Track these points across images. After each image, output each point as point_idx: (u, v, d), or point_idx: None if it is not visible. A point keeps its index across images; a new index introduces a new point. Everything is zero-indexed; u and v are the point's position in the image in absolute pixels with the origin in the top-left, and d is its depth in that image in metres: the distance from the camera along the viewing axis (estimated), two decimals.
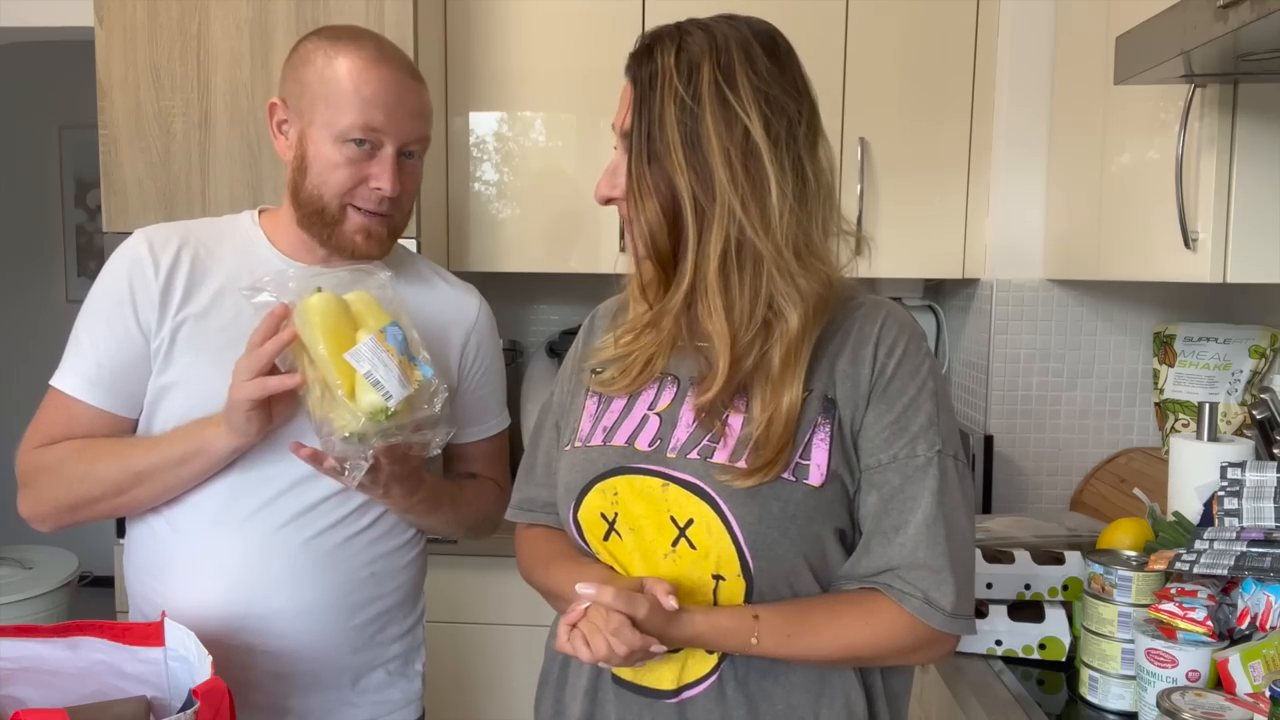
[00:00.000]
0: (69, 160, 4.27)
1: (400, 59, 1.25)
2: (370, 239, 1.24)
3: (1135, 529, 1.54)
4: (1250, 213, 1.43)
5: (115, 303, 1.22)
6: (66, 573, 3.30)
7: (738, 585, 0.99)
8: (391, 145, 1.21)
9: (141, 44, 1.96)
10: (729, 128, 0.96)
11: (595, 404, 1.11)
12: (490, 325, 1.42)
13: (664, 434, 1.04)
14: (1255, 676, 1.13)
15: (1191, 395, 1.91)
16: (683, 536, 1.00)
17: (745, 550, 0.98)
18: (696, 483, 1.00)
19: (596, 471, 1.06)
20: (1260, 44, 1.15)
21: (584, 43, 2.22)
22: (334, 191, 1.21)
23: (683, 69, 0.97)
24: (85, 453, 1.22)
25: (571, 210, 2.27)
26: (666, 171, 0.97)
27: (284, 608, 1.22)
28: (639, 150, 0.98)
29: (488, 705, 2.14)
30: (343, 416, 1.09)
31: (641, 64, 1.00)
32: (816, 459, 0.99)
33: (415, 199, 1.30)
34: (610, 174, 1.04)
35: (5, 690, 1.11)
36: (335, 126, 1.19)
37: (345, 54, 1.21)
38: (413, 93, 1.24)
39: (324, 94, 1.20)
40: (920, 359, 1.02)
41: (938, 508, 0.98)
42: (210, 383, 1.20)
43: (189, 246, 1.25)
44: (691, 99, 0.96)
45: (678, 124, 0.96)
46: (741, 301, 0.98)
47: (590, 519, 1.06)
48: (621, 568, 1.05)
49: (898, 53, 2.18)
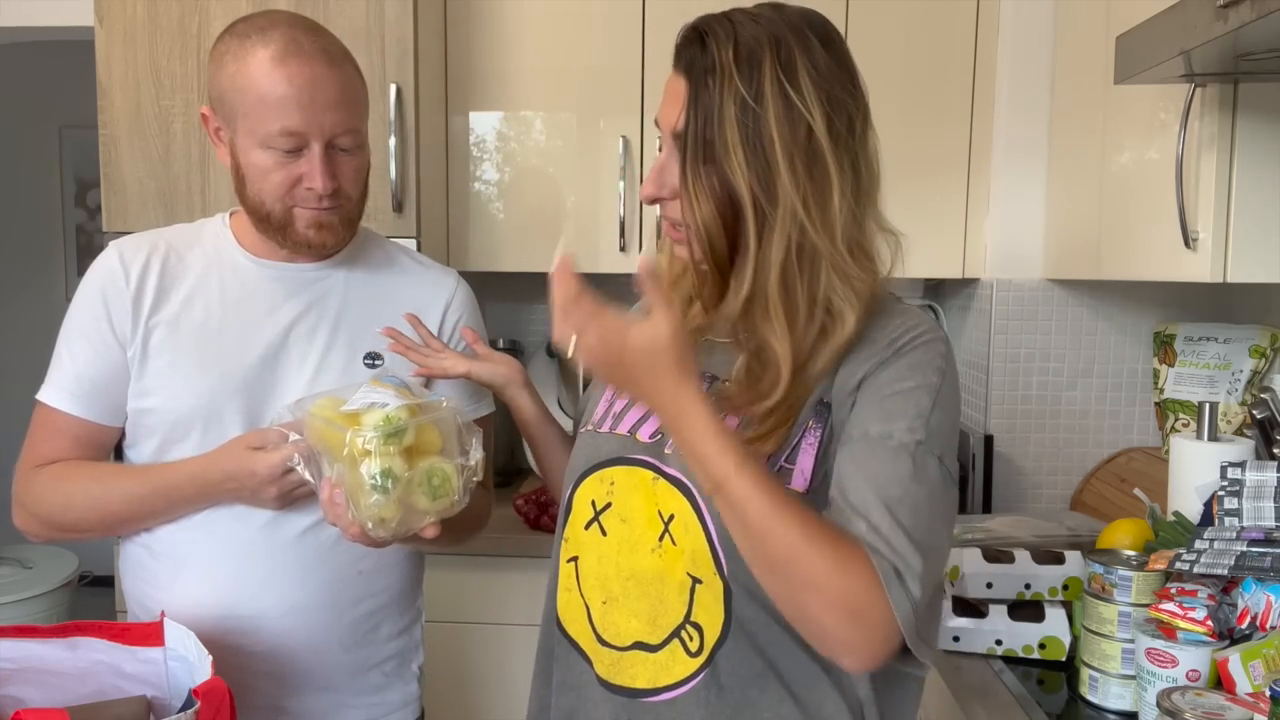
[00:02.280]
0: (69, 160, 4.27)
1: (314, 45, 1.16)
2: (323, 229, 1.21)
3: (1135, 529, 1.54)
4: (1250, 212, 1.43)
5: (91, 316, 1.23)
6: (66, 573, 3.30)
7: (715, 585, 0.96)
8: (317, 142, 1.16)
9: (141, 44, 1.96)
10: (792, 128, 0.91)
11: (612, 390, 1.10)
12: (470, 302, 1.37)
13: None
14: (1255, 676, 1.13)
15: (1192, 395, 1.91)
16: (667, 532, 0.99)
17: (719, 550, 0.96)
18: (681, 478, 0.98)
19: (598, 458, 1.05)
20: (1260, 43, 1.15)
21: (584, 43, 2.22)
22: (274, 196, 1.18)
23: (742, 65, 0.91)
24: (73, 479, 1.23)
25: (572, 210, 2.27)
26: (724, 173, 0.92)
27: (272, 607, 1.22)
28: (694, 151, 0.93)
29: (487, 705, 2.14)
30: (365, 462, 1.03)
31: (694, 57, 0.94)
32: (802, 464, 0.95)
33: (364, 180, 1.25)
34: (658, 173, 0.98)
35: (5, 690, 1.11)
36: (256, 134, 1.15)
37: (252, 54, 1.15)
38: (329, 82, 1.16)
39: (239, 102, 1.16)
40: (930, 357, 0.95)
41: (901, 492, 0.88)
42: (185, 384, 1.21)
43: (159, 253, 1.25)
44: (753, 98, 0.91)
45: (738, 124, 0.91)
46: (802, 306, 0.94)
47: (581, 504, 1.06)
48: (598, 559, 1.03)
49: (898, 53, 2.19)
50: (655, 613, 0.99)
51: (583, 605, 1.05)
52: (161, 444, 1.24)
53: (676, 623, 0.99)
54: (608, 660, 1.02)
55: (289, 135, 1.15)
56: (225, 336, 1.23)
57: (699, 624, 0.98)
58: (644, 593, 1.00)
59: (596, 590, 1.03)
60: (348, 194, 1.22)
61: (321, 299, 1.27)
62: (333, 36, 1.21)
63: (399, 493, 1.03)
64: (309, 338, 1.26)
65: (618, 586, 1.02)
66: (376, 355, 1.28)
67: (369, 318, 1.28)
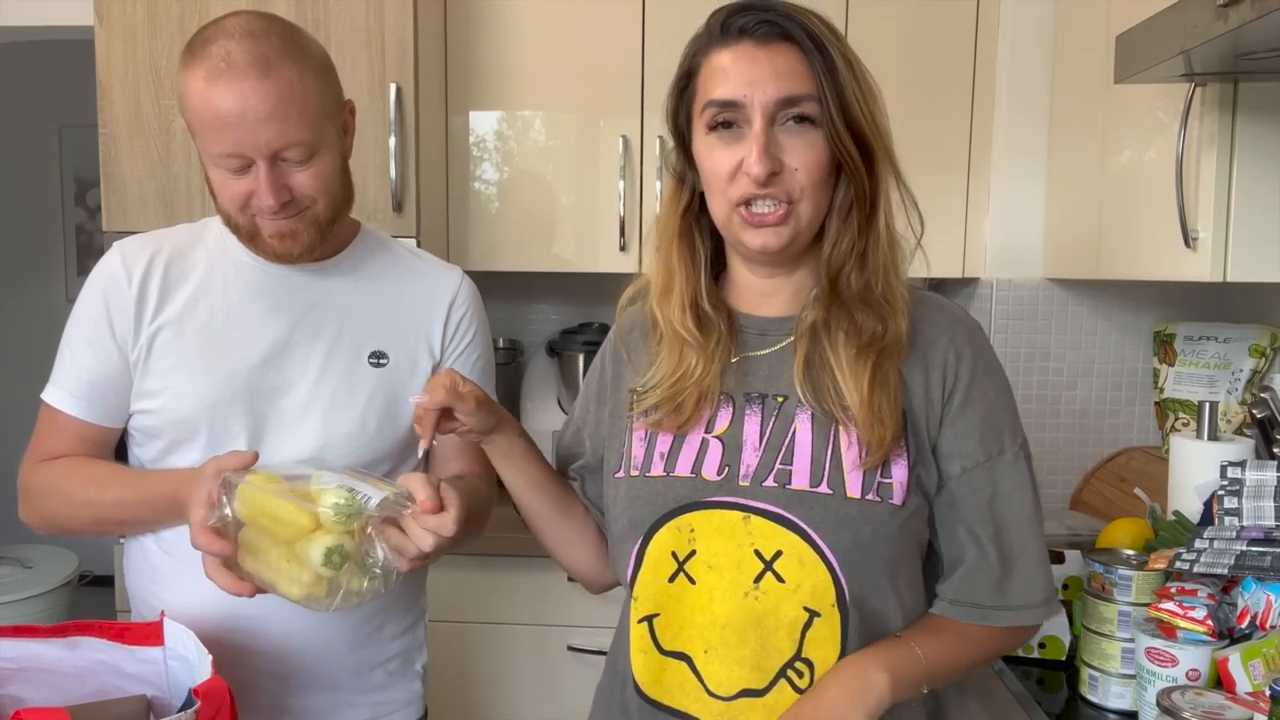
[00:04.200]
0: (69, 160, 4.26)
1: (244, 59, 1.10)
2: (287, 239, 1.18)
3: (1135, 528, 1.54)
4: (1250, 212, 1.43)
5: (93, 318, 1.24)
6: (66, 572, 3.29)
7: (834, 619, 0.96)
8: (260, 159, 1.12)
9: (141, 43, 1.96)
10: (872, 88, 0.98)
11: (644, 429, 1.05)
12: (474, 299, 1.36)
13: (730, 459, 1.00)
14: (1255, 675, 1.13)
15: (1191, 394, 1.91)
16: (769, 570, 0.96)
17: (841, 578, 0.95)
18: (780, 512, 0.96)
19: (668, 506, 1.00)
20: (1260, 43, 1.15)
21: (584, 43, 2.22)
22: (235, 208, 1.17)
23: (830, 28, 0.97)
24: (74, 478, 1.24)
25: (572, 209, 2.27)
26: (859, 126, 0.96)
27: (278, 607, 1.21)
28: (838, 109, 0.95)
29: (490, 705, 2.14)
30: (313, 540, 1.01)
31: (793, 28, 0.95)
32: (898, 476, 0.97)
33: (330, 182, 1.18)
34: (763, 147, 0.94)
35: (5, 690, 1.11)
36: (207, 153, 1.15)
37: (191, 74, 1.12)
38: (261, 96, 1.09)
39: (190, 121, 1.15)
40: (990, 356, 1.03)
41: (1034, 501, 1.02)
42: (189, 385, 1.21)
43: (162, 254, 1.25)
44: (850, 54, 0.97)
45: (858, 82, 0.96)
46: (849, 236, 0.99)
47: (659, 557, 1.01)
48: (691, 609, 1.00)
49: (898, 53, 2.18)
50: (757, 657, 0.97)
51: (666, 664, 1.01)
52: (167, 446, 1.24)
53: (783, 662, 0.97)
54: (716, 710, 0.99)
55: (229, 157, 1.13)
56: (229, 337, 1.23)
57: (809, 660, 0.97)
58: (742, 640, 0.97)
59: (694, 643, 1.00)
60: (306, 201, 1.17)
61: (325, 299, 1.27)
62: (283, 36, 1.14)
63: (345, 570, 1.02)
64: (313, 338, 1.25)
65: (715, 636, 0.98)
66: (381, 354, 1.28)
67: (373, 317, 1.28)
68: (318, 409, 1.23)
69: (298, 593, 1.03)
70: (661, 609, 1.01)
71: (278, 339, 1.24)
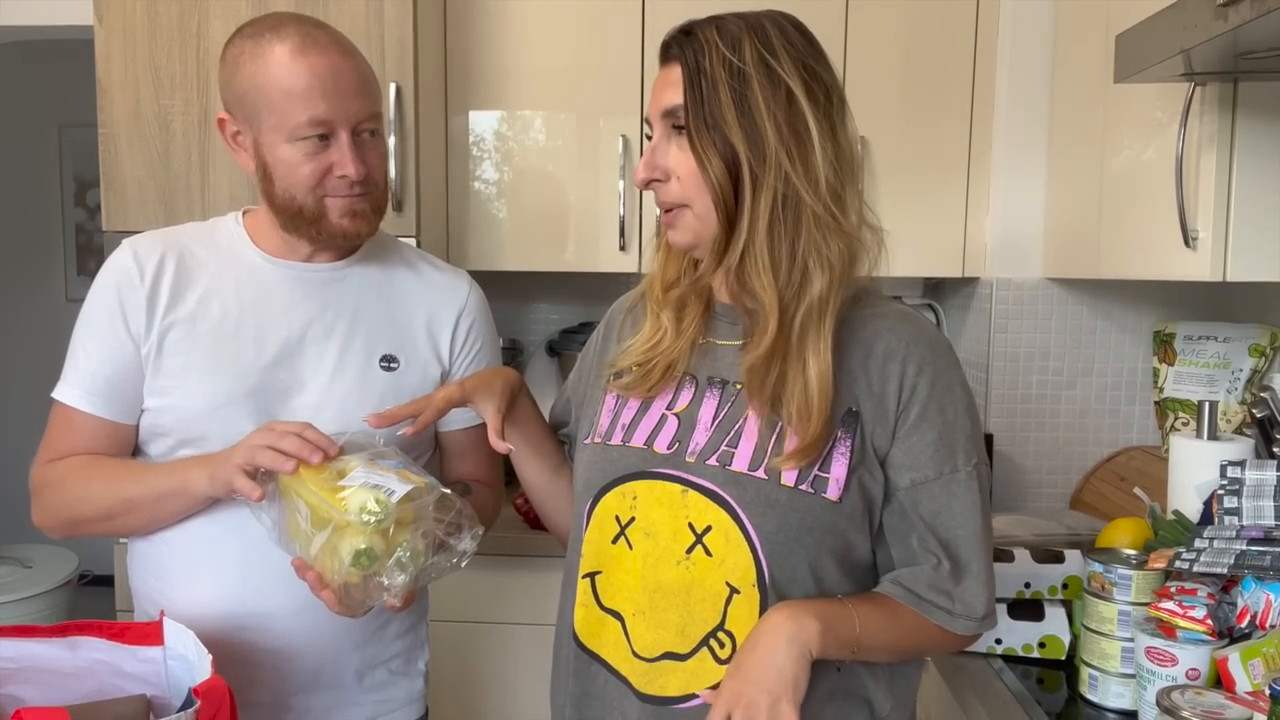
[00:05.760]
0: (69, 160, 4.26)
1: (327, 38, 1.20)
2: (357, 218, 1.23)
3: (1135, 527, 1.54)
4: (1250, 211, 1.43)
5: (105, 313, 1.23)
6: (66, 572, 3.30)
7: (752, 597, 1.00)
8: (344, 130, 1.18)
9: (141, 43, 1.96)
10: (774, 91, 0.99)
11: (614, 399, 1.12)
12: (482, 307, 1.39)
13: (682, 435, 1.05)
14: (1255, 675, 1.13)
15: (1191, 394, 1.91)
16: (699, 543, 1.01)
17: (763, 560, 0.99)
18: (716, 490, 1.01)
19: (617, 473, 1.07)
20: (1260, 42, 1.15)
21: (584, 43, 2.22)
22: (305, 189, 1.19)
23: (727, 41, 1.00)
24: (84, 473, 1.23)
25: (572, 209, 2.27)
26: (723, 133, 0.99)
27: (283, 606, 1.22)
28: (696, 118, 1.00)
29: (492, 704, 2.14)
30: (344, 538, 1.04)
31: (684, 44, 1.03)
32: (835, 473, 1.00)
33: (386, 171, 1.29)
34: (649, 158, 1.05)
35: (5, 689, 1.11)
36: (284, 129, 1.17)
37: (269, 50, 1.17)
38: (350, 70, 1.19)
39: (261, 99, 1.17)
40: (953, 374, 1.05)
41: (983, 520, 1.03)
42: (200, 384, 1.21)
43: (173, 252, 1.25)
44: (740, 66, 1.00)
45: (729, 89, 0.99)
46: (784, 259, 1.00)
47: (604, 519, 1.07)
48: (627, 571, 1.05)
49: (898, 52, 2.18)
50: (683, 623, 1.02)
51: (604, 619, 1.07)
52: (175, 444, 1.24)
53: (706, 631, 1.01)
54: (640, 671, 1.04)
55: (317, 124, 1.17)
56: (241, 336, 1.23)
57: (731, 632, 1.01)
58: (670, 604, 1.02)
59: (627, 604, 1.05)
60: (376, 180, 1.24)
61: (337, 299, 1.28)
62: (340, 32, 1.24)
63: (375, 568, 1.05)
64: (325, 338, 1.26)
65: (645, 600, 1.03)
66: (392, 358, 1.28)
67: (385, 319, 1.29)
68: (329, 410, 1.23)
69: (338, 581, 1.06)
70: (603, 567, 1.08)
71: (290, 338, 1.24)
